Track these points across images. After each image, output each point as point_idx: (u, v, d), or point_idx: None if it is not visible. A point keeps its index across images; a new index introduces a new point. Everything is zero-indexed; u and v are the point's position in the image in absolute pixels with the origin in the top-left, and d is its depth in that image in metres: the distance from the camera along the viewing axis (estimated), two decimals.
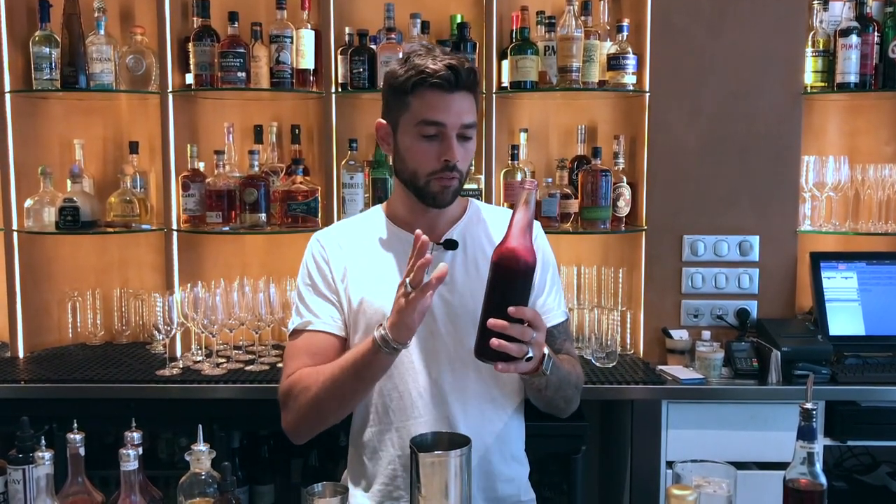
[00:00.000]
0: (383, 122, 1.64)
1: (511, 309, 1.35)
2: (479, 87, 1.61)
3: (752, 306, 2.76)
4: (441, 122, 1.54)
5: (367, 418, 1.67)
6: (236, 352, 2.72)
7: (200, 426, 1.44)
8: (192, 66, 2.73)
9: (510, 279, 1.37)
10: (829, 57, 2.73)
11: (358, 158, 2.78)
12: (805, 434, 1.35)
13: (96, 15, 2.72)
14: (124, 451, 1.34)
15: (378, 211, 1.76)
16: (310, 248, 1.72)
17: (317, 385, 1.55)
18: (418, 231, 1.41)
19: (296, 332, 1.68)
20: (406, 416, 1.61)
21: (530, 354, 1.39)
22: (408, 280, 1.39)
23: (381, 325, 1.46)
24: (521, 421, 1.75)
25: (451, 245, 1.65)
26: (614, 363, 2.64)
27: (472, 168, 1.70)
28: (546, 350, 1.48)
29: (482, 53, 2.77)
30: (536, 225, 1.75)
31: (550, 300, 1.72)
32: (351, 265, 1.67)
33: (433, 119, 1.54)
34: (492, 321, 1.36)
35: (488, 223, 1.72)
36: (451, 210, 1.69)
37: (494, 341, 1.35)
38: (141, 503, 1.36)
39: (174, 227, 2.79)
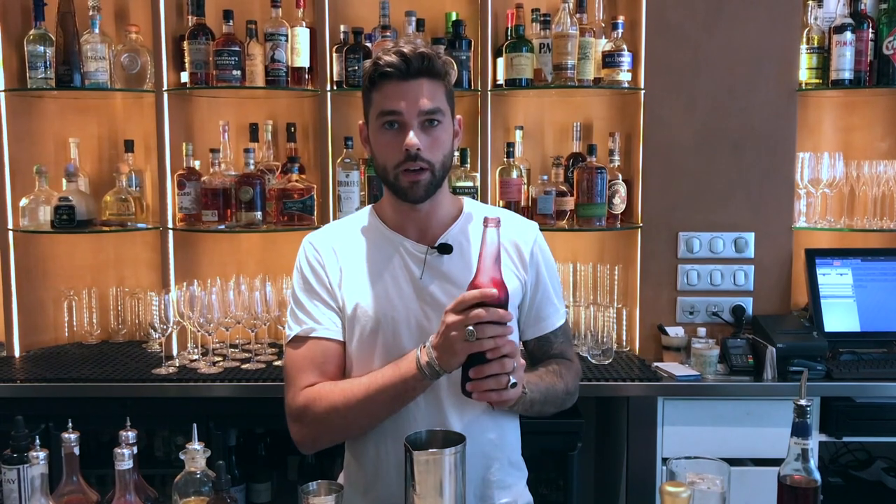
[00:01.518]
0: (361, 123, 1.65)
1: (489, 356, 1.38)
2: (444, 73, 1.56)
3: (748, 303, 2.76)
4: (397, 110, 1.52)
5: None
6: (232, 350, 2.73)
7: (195, 425, 1.44)
8: (187, 65, 2.72)
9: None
10: (823, 53, 2.73)
11: (353, 156, 2.78)
12: (799, 430, 1.35)
13: (91, 13, 2.72)
14: (118, 450, 1.34)
15: (369, 212, 1.72)
16: (303, 252, 1.68)
17: (345, 406, 1.53)
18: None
19: (297, 339, 1.63)
20: (402, 424, 1.58)
21: (513, 381, 1.41)
22: (470, 327, 1.37)
23: (423, 346, 1.45)
24: (517, 428, 1.74)
25: (446, 249, 1.62)
26: (610, 360, 2.64)
27: (452, 160, 1.64)
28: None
29: (477, 51, 2.77)
30: (534, 227, 1.74)
31: (552, 305, 1.71)
32: (345, 269, 1.64)
33: (389, 108, 1.53)
34: (473, 372, 1.39)
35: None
36: (444, 211, 1.66)
37: (473, 391, 1.40)
38: (136, 502, 1.36)
39: (170, 225, 2.79)
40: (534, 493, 1.77)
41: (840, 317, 2.68)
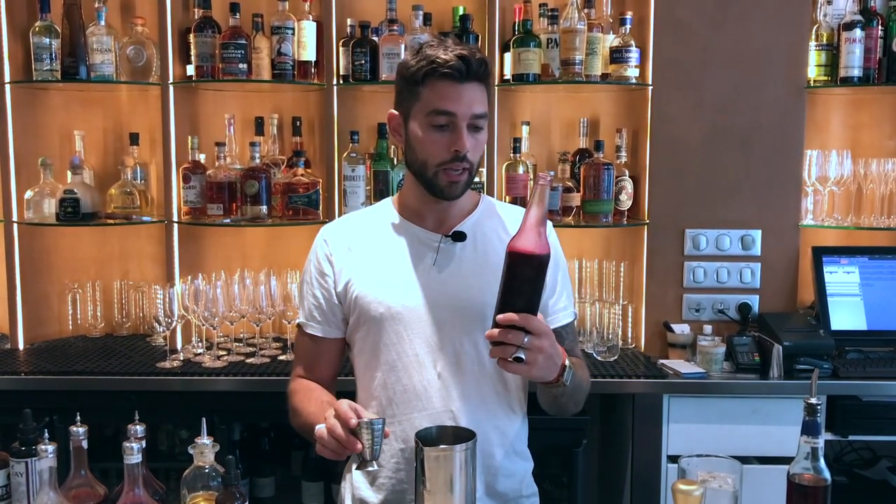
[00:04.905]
0: (395, 112, 1.64)
1: (500, 317, 1.36)
2: (490, 78, 1.61)
3: (754, 300, 2.76)
4: (452, 111, 1.54)
5: (370, 411, 1.66)
6: (237, 344, 2.72)
7: (204, 419, 1.44)
8: (193, 58, 2.71)
9: (522, 273, 1.37)
10: (832, 51, 2.72)
11: (359, 151, 2.77)
12: (809, 429, 1.34)
13: (97, 5, 2.71)
14: (128, 444, 1.33)
15: (388, 203, 1.75)
16: (315, 245, 1.72)
17: (297, 417, 1.63)
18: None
19: (299, 327, 1.73)
20: (410, 409, 1.60)
21: (520, 355, 1.39)
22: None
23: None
24: (525, 417, 1.74)
25: (460, 237, 1.64)
26: (615, 357, 2.63)
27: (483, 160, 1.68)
28: (567, 361, 1.48)
29: (484, 46, 2.75)
30: (548, 223, 1.74)
31: (561, 301, 1.72)
32: (357, 262, 1.67)
33: (444, 109, 1.54)
34: (488, 332, 1.38)
35: (501, 218, 1.71)
36: (462, 202, 1.68)
37: (494, 349, 1.39)
38: (144, 496, 1.35)
39: (175, 219, 2.78)
40: (539, 489, 1.76)
41: (847, 315, 2.68)
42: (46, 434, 1.36)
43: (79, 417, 1.39)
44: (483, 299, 1.57)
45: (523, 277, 1.37)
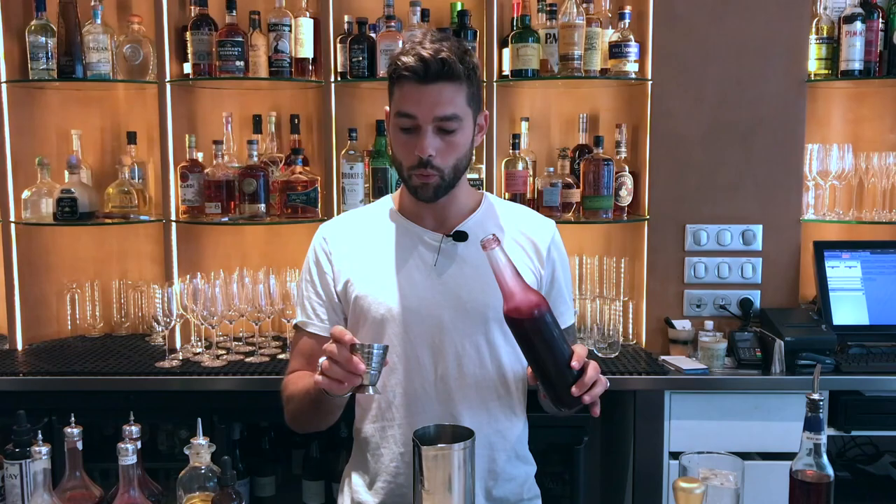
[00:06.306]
0: (387, 109, 1.62)
1: (574, 363, 1.36)
2: (465, 75, 1.51)
3: (756, 296, 2.74)
4: (412, 114, 1.50)
5: (370, 413, 1.65)
6: (236, 343, 2.71)
7: (200, 420, 1.43)
8: (189, 56, 2.70)
9: (540, 332, 1.36)
10: (833, 44, 2.71)
11: (358, 148, 2.76)
12: (812, 425, 1.33)
13: (93, 4, 2.70)
14: (122, 446, 1.32)
15: (387, 201, 1.73)
16: (314, 243, 1.70)
17: (292, 402, 1.61)
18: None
19: (297, 327, 1.70)
20: (410, 413, 1.58)
21: (608, 384, 1.42)
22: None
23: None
24: (525, 421, 1.73)
25: (461, 237, 1.61)
26: (616, 353, 2.62)
27: (469, 160, 1.61)
28: None
29: (483, 41, 2.74)
30: (552, 225, 1.72)
31: (563, 303, 1.70)
32: (356, 261, 1.65)
33: (405, 111, 1.51)
34: (575, 391, 1.37)
35: (502, 217, 1.69)
36: (463, 202, 1.66)
37: (586, 398, 1.39)
38: (140, 498, 1.34)
39: (173, 218, 2.77)
40: (540, 487, 1.75)
41: (849, 310, 2.66)
42: (40, 435, 1.35)
43: (73, 418, 1.38)
44: (485, 301, 1.55)
45: (545, 335, 1.36)
